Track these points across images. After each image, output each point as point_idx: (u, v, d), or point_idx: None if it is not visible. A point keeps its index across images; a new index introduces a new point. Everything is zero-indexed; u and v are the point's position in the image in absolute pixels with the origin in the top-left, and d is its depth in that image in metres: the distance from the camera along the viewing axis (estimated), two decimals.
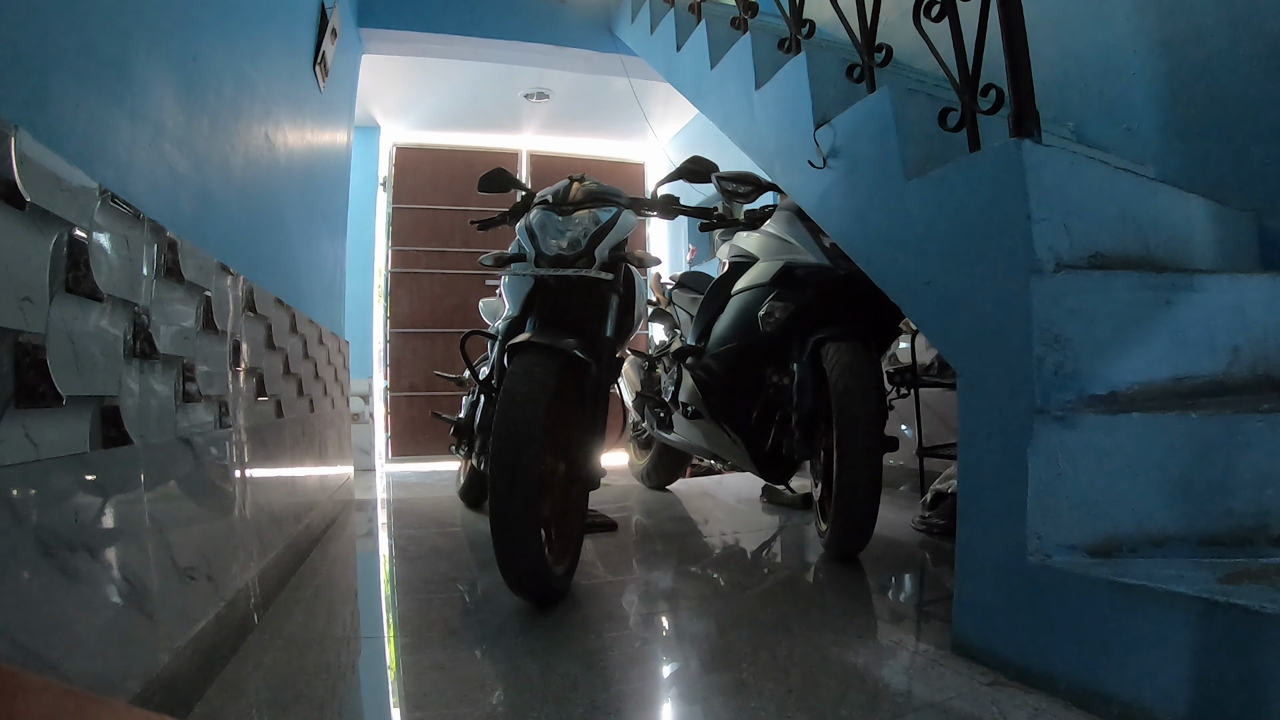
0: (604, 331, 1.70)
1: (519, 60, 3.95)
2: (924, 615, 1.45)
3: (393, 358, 5.09)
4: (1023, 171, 1.09)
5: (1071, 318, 1.07)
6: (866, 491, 1.71)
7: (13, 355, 0.67)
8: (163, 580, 0.96)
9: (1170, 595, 0.86)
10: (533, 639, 1.28)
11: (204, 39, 1.28)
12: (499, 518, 1.33)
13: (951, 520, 1.63)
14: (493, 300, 2.85)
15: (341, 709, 1.03)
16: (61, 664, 0.70)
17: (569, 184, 1.75)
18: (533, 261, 1.66)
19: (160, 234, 1.02)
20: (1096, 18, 2.09)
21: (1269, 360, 1.18)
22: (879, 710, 0.98)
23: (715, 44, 2.25)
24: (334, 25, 2.56)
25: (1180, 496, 1.00)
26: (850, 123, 1.52)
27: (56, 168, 0.75)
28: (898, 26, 1.54)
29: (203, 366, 1.18)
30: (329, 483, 2.41)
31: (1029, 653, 1.04)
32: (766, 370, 2.14)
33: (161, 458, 1.00)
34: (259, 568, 1.43)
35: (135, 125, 0.97)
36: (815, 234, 1.93)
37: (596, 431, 1.68)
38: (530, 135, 5.38)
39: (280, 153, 1.88)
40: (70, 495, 0.76)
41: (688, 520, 2.54)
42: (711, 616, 1.42)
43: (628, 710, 1.01)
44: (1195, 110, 1.82)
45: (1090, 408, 1.05)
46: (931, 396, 2.64)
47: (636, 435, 3.38)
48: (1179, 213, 1.39)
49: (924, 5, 1.31)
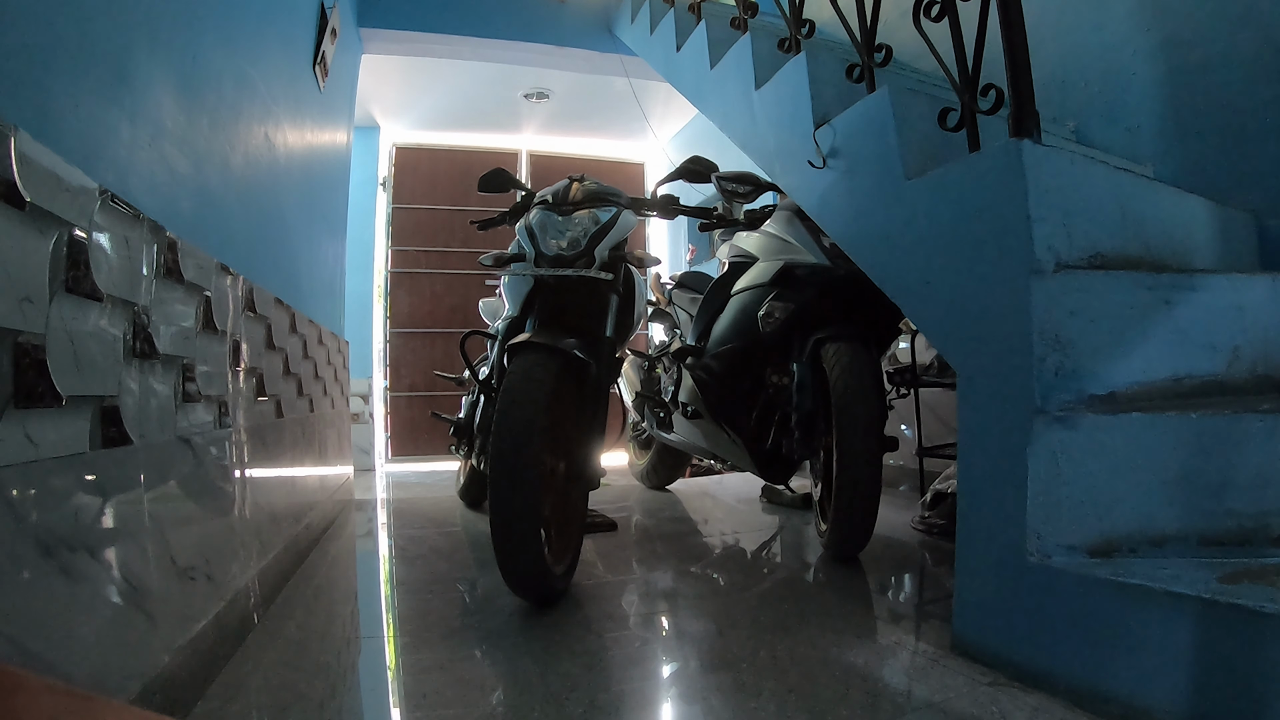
0: (604, 331, 1.70)
1: (519, 60, 3.95)
2: (924, 615, 1.45)
3: (393, 358, 5.09)
4: (1023, 171, 1.09)
5: (1071, 318, 1.07)
6: (866, 491, 1.71)
7: (13, 355, 0.67)
8: (162, 580, 0.96)
9: (1170, 595, 0.86)
10: (532, 639, 1.28)
11: (204, 39, 1.28)
12: (499, 518, 1.33)
13: (951, 520, 1.63)
14: (492, 300, 2.85)
15: (341, 709, 1.03)
16: (61, 664, 0.70)
17: (569, 184, 1.75)
18: (532, 261, 1.66)
19: (160, 234, 1.02)
20: (1096, 18, 2.09)
21: (1269, 360, 1.18)
22: (879, 710, 0.98)
23: (715, 44, 2.25)
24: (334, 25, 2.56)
25: (1180, 496, 1.00)
26: (850, 123, 1.52)
27: (56, 168, 0.75)
28: (898, 26, 1.54)
29: (202, 366, 1.19)
30: (329, 483, 2.41)
31: (1029, 653, 1.04)
32: (766, 370, 2.14)
33: (161, 458, 1.00)
34: (259, 568, 1.43)
35: (135, 125, 0.97)
36: (815, 234, 1.93)
37: (596, 431, 1.68)
38: (530, 135, 5.38)
39: (280, 153, 1.88)
40: (70, 495, 0.76)
41: (688, 520, 2.54)
42: (711, 616, 1.42)
43: (627, 710, 1.01)
44: (1195, 110, 1.82)
45: (1090, 408, 1.05)
46: (931, 396, 2.64)
47: (636, 435, 3.38)
48: (1179, 213, 1.39)
49: (924, 5, 1.31)
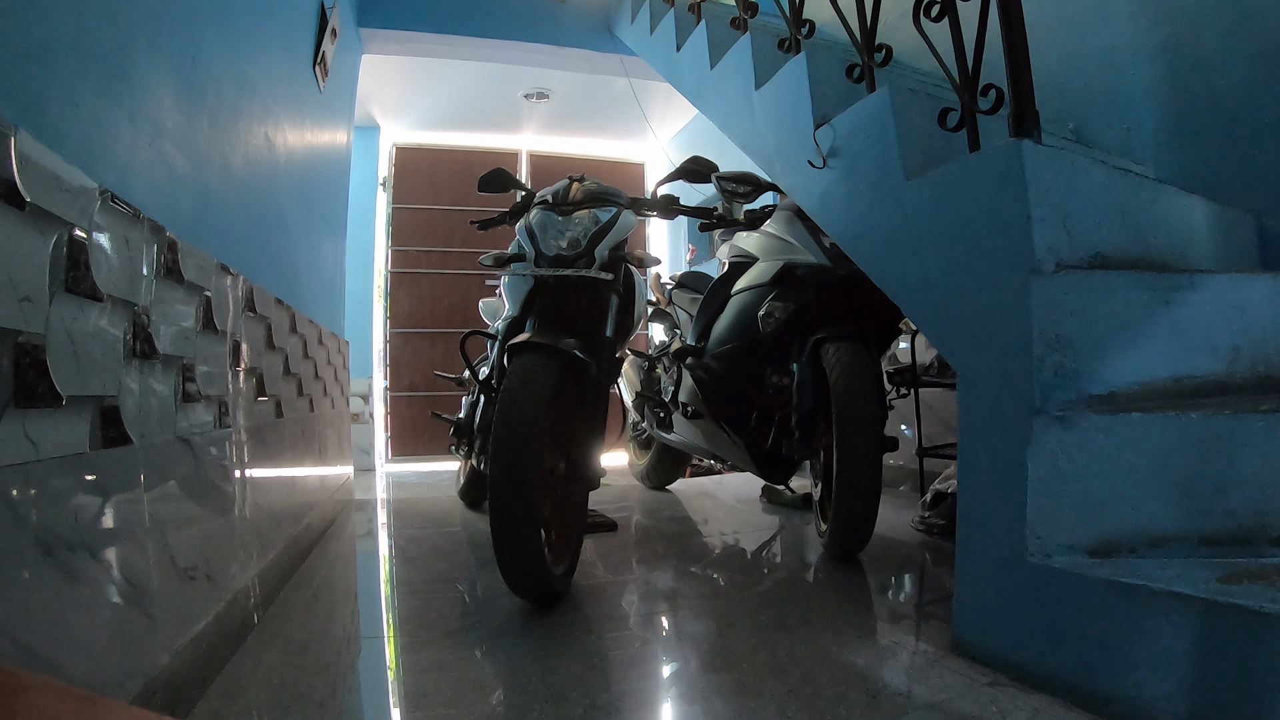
0: (604, 331, 1.70)
1: (519, 60, 3.95)
2: (924, 615, 1.45)
3: (392, 358, 5.09)
4: (1023, 171, 1.09)
5: (1071, 318, 1.07)
6: (866, 491, 1.71)
7: (13, 355, 0.67)
8: (163, 580, 0.96)
9: (1170, 595, 0.86)
10: (532, 639, 1.28)
11: (204, 39, 1.28)
12: (499, 518, 1.33)
13: (951, 520, 1.63)
14: (492, 300, 2.85)
15: (341, 709, 1.03)
16: (61, 664, 0.70)
17: (569, 184, 1.75)
18: (533, 261, 1.66)
19: (160, 234, 1.02)
20: (1096, 18, 2.09)
21: (1269, 360, 1.18)
22: (879, 710, 0.98)
23: (715, 44, 2.25)
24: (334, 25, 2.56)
25: (1180, 496, 1.00)
26: (850, 123, 1.52)
27: (56, 168, 0.75)
28: (898, 26, 1.54)
29: (202, 366, 1.19)
30: (329, 483, 2.41)
31: (1029, 653, 1.04)
32: (766, 370, 2.14)
33: (161, 458, 1.00)
34: (259, 567, 1.43)
35: (135, 125, 0.97)
36: (815, 234, 1.93)
37: (596, 431, 1.68)
38: (530, 135, 5.38)
39: (280, 153, 1.88)
40: (70, 495, 0.76)
41: (688, 520, 2.54)
42: (711, 616, 1.42)
43: (628, 710, 1.01)
44: (1195, 110, 1.82)
45: (1090, 408, 1.05)
46: (931, 396, 2.64)
47: (636, 435, 3.38)
48: (1179, 213, 1.39)
49: (924, 5, 1.31)
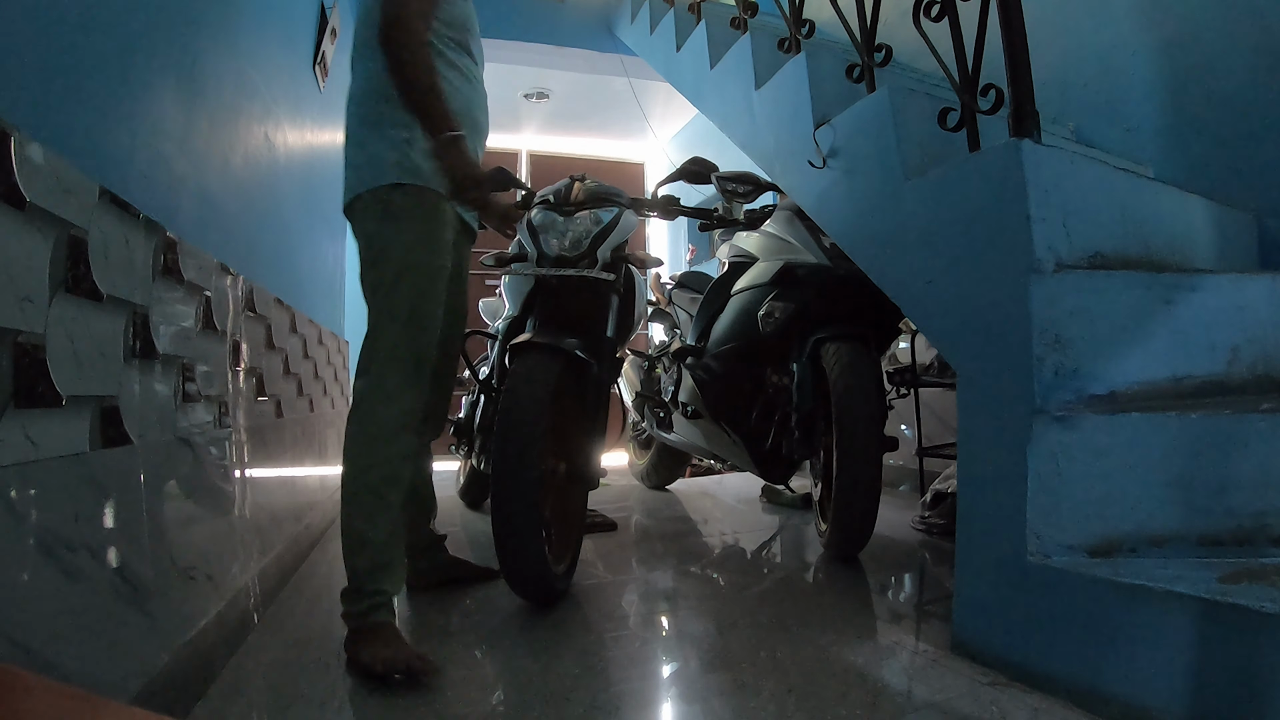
0: (605, 331, 1.70)
1: (519, 60, 3.95)
2: (924, 615, 1.45)
3: None
4: (1022, 171, 1.09)
5: (1071, 318, 1.07)
6: (866, 491, 1.71)
7: (13, 355, 0.67)
8: (162, 579, 0.97)
9: (1170, 595, 0.86)
10: (533, 639, 1.28)
11: (204, 39, 1.28)
12: (500, 517, 1.33)
13: (951, 520, 1.63)
14: (493, 300, 2.85)
15: (341, 709, 1.03)
16: (61, 664, 0.70)
17: (570, 184, 1.75)
18: (534, 261, 1.66)
19: (160, 234, 1.02)
20: (1096, 18, 2.09)
21: (1269, 360, 1.18)
22: (879, 710, 0.98)
23: (715, 44, 2.25)
24: (334, 25, 2.56)
25: (1180, 496, 1.00)
26: (850, 123, 1.52)
27: (56, 168, 0.75)
28: (898, 26, 1.53)
29: (202, 366, 1.19)
30: (329, 482, 2.41)
31: (1029, 653, 1.04)
32: (766, 370, 2.13)
33: (161, 457, 1.00)
34: (259, 567, 1.42)
35: (135, 125, 0.97)
36: (815, 234, 1.93)
37: (597, 431, 1.68)
38: (530, 135, 5.37)
39: (280, 152, 1.88)
40: (70, 495, 0.76)
41: (688, 520, 2.54)
42: (711, 616, 1.42)
43: (628, 710, 1.01)
44: (1195, 111, 1.82)
45: (1090, 408, 1.05)
46: (931, 396, 2.64)
47: (636, 435, 3.38)
48: (1179, 213, 1.39)
49: (924, 5, 1.31)
